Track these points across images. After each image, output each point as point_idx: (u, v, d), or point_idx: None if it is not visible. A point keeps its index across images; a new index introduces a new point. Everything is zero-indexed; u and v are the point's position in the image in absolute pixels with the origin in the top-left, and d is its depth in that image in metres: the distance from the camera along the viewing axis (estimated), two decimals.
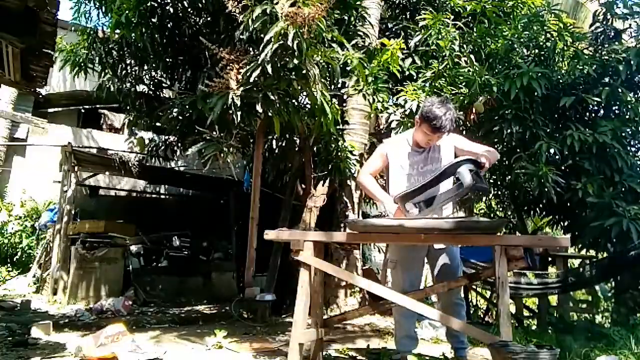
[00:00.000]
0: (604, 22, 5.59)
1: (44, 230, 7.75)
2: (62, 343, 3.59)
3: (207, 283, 7.31)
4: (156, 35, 5.25)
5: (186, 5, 5.51)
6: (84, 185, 8.17)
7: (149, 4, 5.13)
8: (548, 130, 4.99)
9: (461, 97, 4.99)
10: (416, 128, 3.05)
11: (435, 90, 5.12)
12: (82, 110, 10.88)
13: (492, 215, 7.68)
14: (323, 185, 5.32)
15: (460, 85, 5.07)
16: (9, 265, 8.08)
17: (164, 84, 6.45)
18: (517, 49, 5.27)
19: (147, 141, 7.10)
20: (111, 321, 4.30)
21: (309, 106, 4.52)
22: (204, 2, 5.19)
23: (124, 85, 6.08)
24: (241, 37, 4.09)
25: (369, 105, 5.22)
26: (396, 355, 3.26)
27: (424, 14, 5.17)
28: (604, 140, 4.63)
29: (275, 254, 5.67)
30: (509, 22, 5.65)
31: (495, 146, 5.96)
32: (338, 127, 5.35)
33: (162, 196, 9.94)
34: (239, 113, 3.88)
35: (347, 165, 5.38)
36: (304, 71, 3.92)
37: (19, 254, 8.17)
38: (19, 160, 9.34)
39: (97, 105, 10.03)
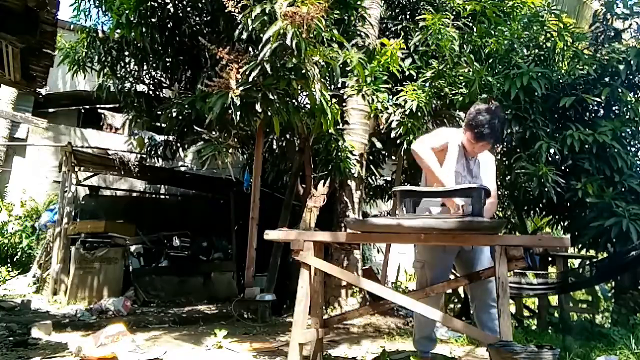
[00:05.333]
0: (604, 22, 5.59)
1: (44, 230, 7.74)
2: (62, 343, 3.58)
3: (207, 283, 7.30)
4: (156, 35, 5.24)
5: (186, 5, 5.51)
6: (84, 185, 8.17)
7: (149, 4, 5.13)
8: (548, 130, 4.99)
9: (461, 97, 4.99)
10: (463, 134, 2.94)
11: (435, 90, 5.12)
12: (82, 111, 10.89)
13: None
14: (323, 185, 5.32)
15: (460, 85, 5.07)
16: (9, 265, 8.07)
17: (163, 84, 6.44)
18: (517, 49, 5.27)
19: (146, 141, 7.09)
20: (111, 321, 4.31)
21: (308, 106, 4.52)
22: (203, 1, 5.20)
23: (124, 85, 6.07)
24: (241, 36, 4.09)
25: (369, 105, 5.22)
26: (398, 355, 3.26)
27: (424, 14, 5.17)
28: (604, 140, 4.63)
29: (275, 254, 5.67)
30: (509, 22, 5.65)
31: (495, 146, 5.98)
32: (338, 127, 5.35)
33: (162, 196, 9.93)
34: (238, 113, 3.88)
35: (347, 165, 5.37)
36: (303, 71, 3.93)
37: (19, 254, 8.16)
38: (19, 160, 9.33)
39: (97, 105, 10.03)
